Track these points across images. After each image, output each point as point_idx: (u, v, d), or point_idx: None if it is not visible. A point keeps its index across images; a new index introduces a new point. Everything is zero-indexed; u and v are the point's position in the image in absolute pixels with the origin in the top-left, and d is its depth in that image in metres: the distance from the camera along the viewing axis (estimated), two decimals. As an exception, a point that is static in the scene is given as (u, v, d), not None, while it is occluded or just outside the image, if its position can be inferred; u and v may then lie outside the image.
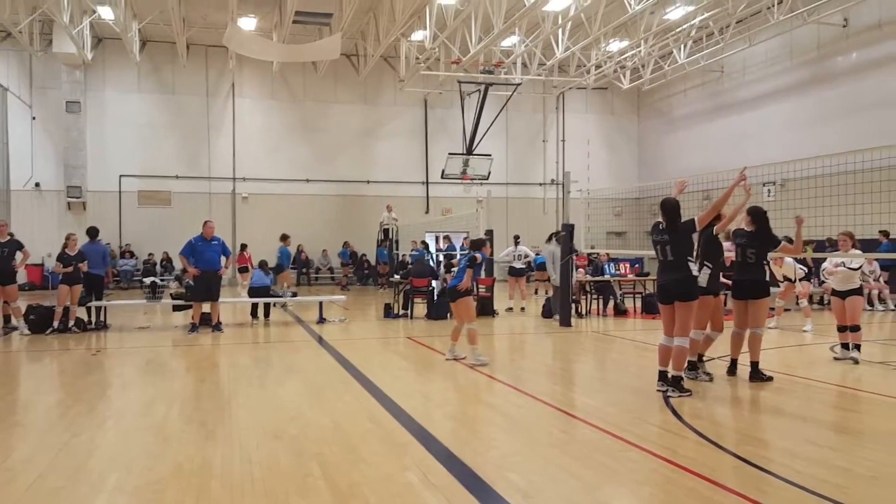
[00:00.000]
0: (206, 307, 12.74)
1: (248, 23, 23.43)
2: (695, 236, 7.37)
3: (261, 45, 22.60)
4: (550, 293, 15.72)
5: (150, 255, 25.70)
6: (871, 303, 16.27)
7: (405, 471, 4.72)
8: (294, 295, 15.54)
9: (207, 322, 12.73)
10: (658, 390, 7.15)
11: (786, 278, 13.02)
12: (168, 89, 26.84)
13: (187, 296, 13.24)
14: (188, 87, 26.97)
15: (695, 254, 7.52)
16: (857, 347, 9.01)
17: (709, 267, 7.59)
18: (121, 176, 26.14)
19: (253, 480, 4.56)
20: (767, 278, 8.02)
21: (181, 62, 26.11)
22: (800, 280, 13.18)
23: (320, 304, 14.55)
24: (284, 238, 17.43)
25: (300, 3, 20.16)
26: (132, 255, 25.79)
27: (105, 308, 13.31)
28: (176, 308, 13.71)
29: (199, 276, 12.42)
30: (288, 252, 18.33)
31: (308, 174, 27.83)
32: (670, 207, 7.40)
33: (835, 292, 9.33)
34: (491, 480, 4.50)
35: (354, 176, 28.29)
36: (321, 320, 13.95)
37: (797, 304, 13.68)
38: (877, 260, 16.34)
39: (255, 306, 14.49)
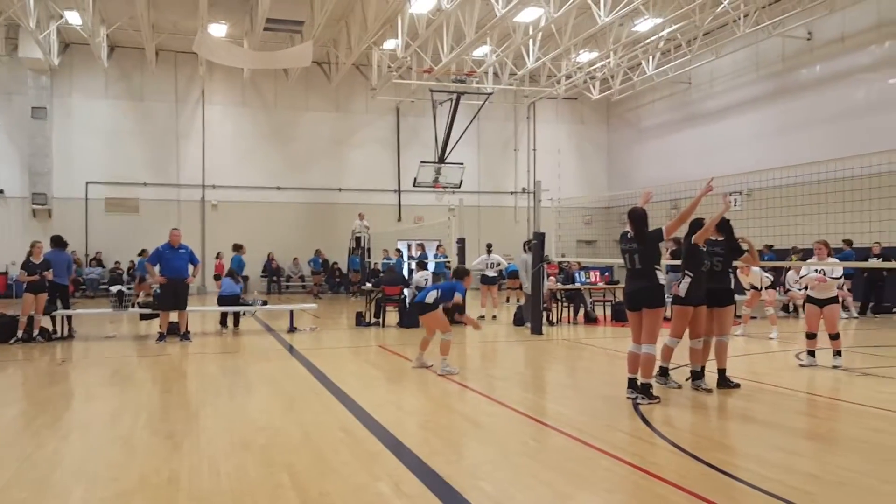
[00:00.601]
0: (173, 316, 12.57)
1: (218, 29, 23.27)
2: (662, 245, 7.47)
3: (231, 52, 22.44)
4: (522, 301, 15.77)
5: (116, 263, 25.31)
6: (835, 310, 16.54)
7: (376, 480, 4.69)
8: (264, 303, 15.41)
9: (175, 331, 12.56)
10: (628, 398, 7.20)
11: (752, 286, 13.21)
12: (136, 95, 26.52)
13: (154, 305, 13.07)
14: (157, 93, 26.67)
15: (678, 261, 7.75)
16: (839, 354, 9.18)
17: (689, 276, 7.63)
18: (87, 183, 25.75)
19: (221, 492, 4.50)
20: (732, 286, 8.13)
21: (150, 68, 25.83)
22: (766, 288, 13.38)
23: (291, 312, 14.44)
24: (238, 248, 17.22)
25: (271, 11, 20.08)
26: (99, 263, 25.38)
27: (70, 317, 13.08)
28: (143, 317, 13.51)
29: (167, 284, 12.27)
30: (240, 261, 18.02)
31: (279, 182, 27.65)
32: (638, 217, 7.48)
33: (811, 300, 9.44)
34: (463, 489, 4.49)
35: (326, 184, 28.18)
36: (292, 329, 13.84)
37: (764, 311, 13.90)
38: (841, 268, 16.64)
39: (224, 315, 14.33)
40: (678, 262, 8.46)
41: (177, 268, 12.38)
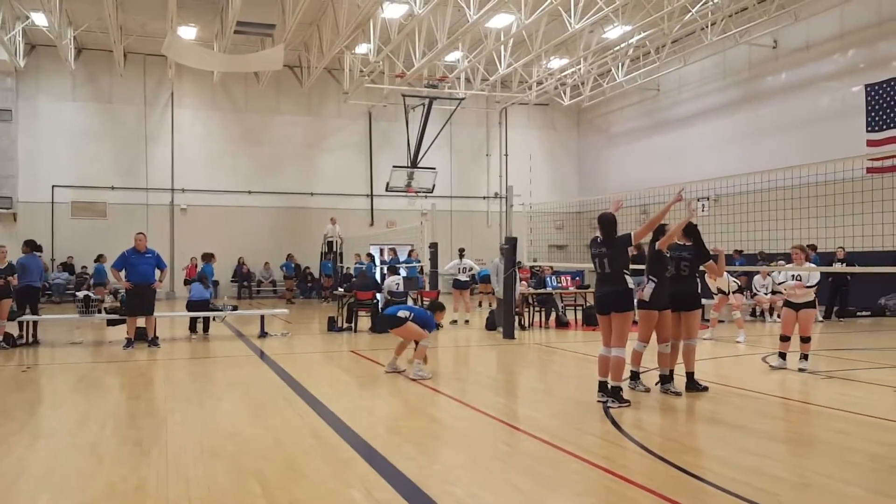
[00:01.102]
0: (140, 321, 12.40)
1: (188, 32, 23.05)
2: (630, 249, 7.53)
3: (201, 55, 22.25)
4: (494, 306, 15.83)
5: (83, 268, 24.89)
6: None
7: (348, 487, 4.68)
8: (234, 308, 15.26)
9: (143, 337, 12.40)
10: (598, 401, 7.28)
11: (720, 290, 13.40)
12: (104, 98, 26.16)
13: (122, 310, 12.89)
14: (125, 96, 26.34)
15: (645, 267, 7.86)
16: (805, 357, 9.35)
17: (654, 281, 7.77)
18: (53, 186, 25.32)
19: (190, 500, 4.45)
20: (699, 290, 8.23)
21: (118, 70, 25.50)
22: (733, 292, 13.59)
23: (262, 317, 14.33)
24: (209, 257, 17.02)
25: (242, 13, 19.94)
26: (66, 268, 24.95)
27: (36, 323, 12.84)
28: (110, 323, 13.31)
29: (133, 289, 12.07)
30: (210, 270, 17.78)
31: (250, 186, 27.44)
32: (607, 221, 7.64)
33: (789, 304, 9.57)
34: (434, 494, 4.49)
35: (298, 188, 28.02)
36: (263, 334, 13.73)
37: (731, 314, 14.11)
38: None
39: (193, 320, 14.17)
40: (642, 267, 8.62)
41: (143, 273, 12.14)
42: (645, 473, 4.93)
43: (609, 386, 7.23)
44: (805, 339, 9.37)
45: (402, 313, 9.13)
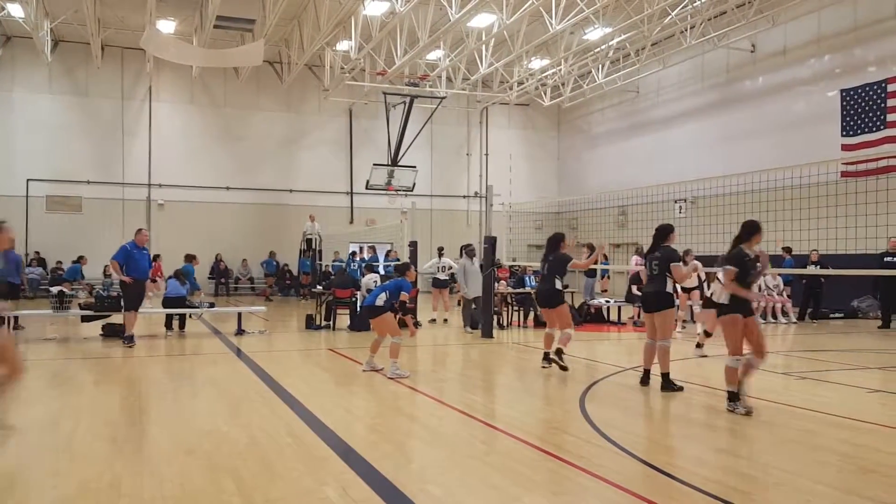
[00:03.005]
0: (117, 318, 12.26)
1: (166, 26, 22.82)
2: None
3: (180, 49, 22.02)
4: (462, 305, 15.87)
5: (58, 263, 24.56)
6: (774, 315, 17.09)
7: (324, 486, 4.67)
8: (211, 305, 15.15)
9: (116, 333, 12.26)
10: (542, 367, 9.32)
11: (683, 289, 13.62)
12: (81, 91, 25.83)
13: (97, 306, 12.74)
14: (102, 89, 26.02)
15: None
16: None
17: (560, 280, 9.63)
18: (28, 180, 24.96)
19: (164, 498, 4.42)
20: (670, 290, 8.26)
21: (95, 64, 25.18)
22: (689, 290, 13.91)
23: (239, 315, 14.24)
24: (191, 258, 16.85)
25: (222, 8, 19.78)
26: (40, 263, 24.61)
27: (17, 318, 12.69)
28: (84, 319, 13.16)
29: (133, 284, 11.77)
30: (191, 271, 17.56)
31: (228, 182, 27.24)
32: (556, 241, 9.86)
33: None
34: (411, 493, 4.50)
35: (277, 185, 27.87)
36: (240, 332, 13.64)
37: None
38: (780, 275, 17.19)
39: (169, 317, 14.05)
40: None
41: (144, 269, 11.99)
42: (620, 472, 4.97)
43: (551, 355, 9.29)
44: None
45: (379, 299, 9.12)
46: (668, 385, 7.96)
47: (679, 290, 14.61)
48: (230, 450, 5.51)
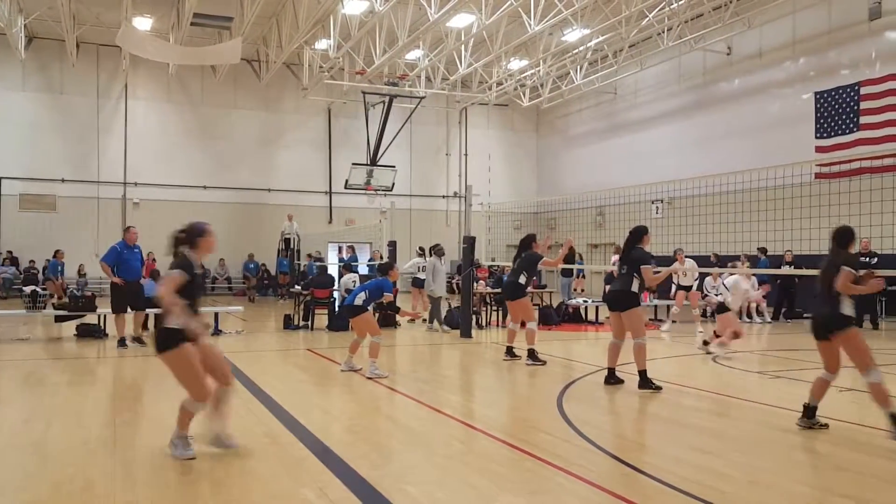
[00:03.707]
0: (91, 318, 12.10)
1: (143, 23, 22.57)
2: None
3: (157, 47, 21.80)
4: (454, 305, 15.88)
5: (31, 262, 24.19)
6: (749, 315, 17.28)
7: (301, 487, 4.63)
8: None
9: (90, 333, 12.11)
10: (504, 359, 10.04)
11: (680, 286, 13.73)
12: (55, 89, 25.48)
13: (70, 306, 12.57)
14: (77, 86, 25.68)
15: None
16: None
17: (525, 276, 10.16)
18: (1, 178, 24.59)
19: (138, 500, 4.37)
20: (635, 289, 8.19)
21: (70, 61, 24.84)
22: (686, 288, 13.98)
23: (216, 314, 14.11)
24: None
25: (199, 5, 19.61)
26: (12, 262, 24.23)
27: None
28: (58, 319, 12.98)
29: (124, 286, 11.51)
30: None
31: (205, 181, 27.01)
32: (528, 241, 10.42)
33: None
34: (388, 493, 4.49)
35: (255, 184, 27.67)
36: (217, 332, 13.52)
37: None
38: (755, 275, 17.37)
39: (145, 318, 13.86)
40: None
41: (135, 269, 11.68)
42: (598, 471, 5.00)
43: (514, 350, 10.07)
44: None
45: (359, 299, 9.09)
46: (646, 383, 7.94)
47: (674, 288, 14.86)
48: (206, 451, 5.45)
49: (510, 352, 10.44)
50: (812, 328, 6.19)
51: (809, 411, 6.23)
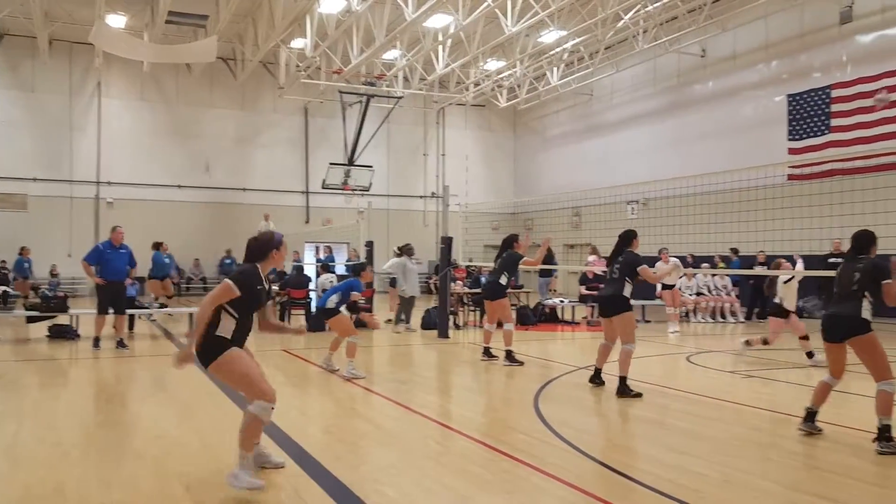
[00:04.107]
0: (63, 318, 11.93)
1: (117, 20, 22.28)
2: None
3: (130, 44, 21.56)
4: (433, 305, 15.88)
5: (2, 262, 23.78)
6: (723, 315, 17.49)
7: (276, 489, 4.61)
8: (162, 306, 14.86)
9: (63, 334, 11.94)
10: (481, 360, 10.15)
11: (665, 286, 13.92)
12: (27, 86, 25.08)
13: (42, 307, 12.39)
14: (49, 84, 25.29)
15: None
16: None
17: (506, 276, 10.25)
18: (-31, 177, 24.17)
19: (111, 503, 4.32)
20: (627, 294, 8.08)
21: (42, 58, 24.46)
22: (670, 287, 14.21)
23: (190, 315, 13.98)
24: (158, 245, 16.50)
25: (174, 3, 19.41)
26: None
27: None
28: (30, 320, 12.78)
29: (106, 286, 11.28)
30: (160, 258, 17.21)
31: (180, 180, 26.74)
32: (510, 240, 10.51)
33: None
34: (364, 495, 4.48)
35: (230, 183, 27.45)
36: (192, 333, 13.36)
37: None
38: (728, 275, 17.60)
39: (130, 319, 13.71)
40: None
41: (118, 269, 11.33)
42: (573, 472, 5.02)
43: (492, 350, 10.11)
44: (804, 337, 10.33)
45: (331, 301, 9.06)
46: (624, 390, 7.75)
47: (660, 288, 15.02)
48: (180, 454, 5.40)
49: (487, 352, 10.48)
50: (826, 329, 6.02)
51: (810, 416, 6.10)
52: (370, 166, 25.33)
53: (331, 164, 24.88)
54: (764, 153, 18.25)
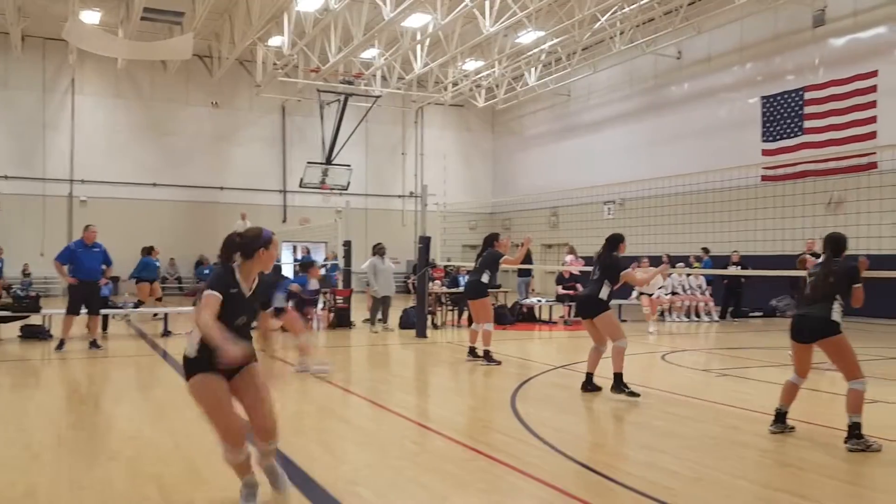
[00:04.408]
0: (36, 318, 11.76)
1: (91, 16, 22.00)
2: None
3: (105, 41, 21.30)
4: (411, 305, 15.87)
5: (-29, 262, 23.41)
6: (697, 314, 17.66)
7: (251, 489, 4.58)
8: (136, 305, 14.71)
9: (35, 335, 11.76)
10: (467, 360, 9.97)
11: (642, 293, 13.98)
12: (-1, 82, 24.73)
13: (14, 307, 12.20)
14: (22, 81, 24.92)
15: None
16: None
17: (488, 275, 10.21)
18: (-61, 174, 23.76)
19: (84, 506, 4.27)
20: (604, 296, 7.95)
21: (15, 54, 24.12)
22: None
23: (165, 315, 13.85)
24: (149, 250, 16.49)
25: (149, 0, 19.21)
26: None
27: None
28: (2, 320, 12.57)
29: (78, 286, 11.12)
30: (149, 264, 17.13)
31: (155, 178, 26.47)
32: (490, 238, 10.45)
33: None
34: (340, 496, 4.47)
35: (206, 182, 27.22)
36: (166, 333, 13.27)
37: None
38: (702, 275, 17.78)
39: (104, 320, 13.53)
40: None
41: (90, 269, 11.16)
42: (549, 470, 5.04)
43: (479, 351, 9.95)
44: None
45: (278, 301, 8.97)
46: (619, 386, 7.69)
47: (636, 293, 15.07)
48: (154, 455, 5.35)
49: (473, 352, 10.33)
50: (796, 330, 6.07)
51: (780, 417, 6.16)
52: (348, 165, 25.27)
53: (308, 162, 24.78)
54: (738, 154, 18.47)
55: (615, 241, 8.30)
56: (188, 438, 5.87)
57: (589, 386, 8.01)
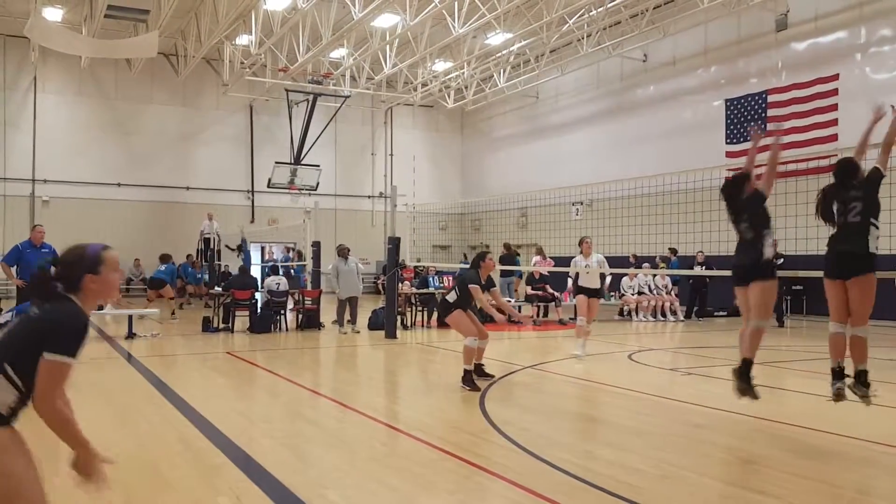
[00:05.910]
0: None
1: (53, 13, 21.57)
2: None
3: (68, 39, 20.88)
4: (380, 305, 15.82)
5: (-72, 263, 22.82)
6: (663, 314, 17.89)
7: (217, 495, 4.53)
8: (100, 308, 14.44)
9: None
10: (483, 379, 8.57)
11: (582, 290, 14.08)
12: (-45, 79, 24.14)
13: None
14: (-20, 78, 24.39)
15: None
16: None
17: (456, 294, 9.16)
18: None
19: (45, 513, 4.18)
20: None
21: (-28, 50, 23.57)
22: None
23: (129, 317, 13.64)
24: (167, 258, 16.50)
25: (114, -3, 18.92)
26: None
27: None
28: (-42, 323, 12.29)
29: (25, 287, 11.00)
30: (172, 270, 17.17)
31: (119, 178, 26.05)
32: (476, 260, 9.20)
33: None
34: (308, 499, 4.44)
35: (172, 182, 26.85)
36: (130, 335, 13.07)
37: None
38: (668, 275, 18.01)
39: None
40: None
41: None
42: (516, 469, 5.07)
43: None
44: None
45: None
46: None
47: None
48: (117, 459, 5.26)
49: (480, 371, 8.78)
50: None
51: (838, 374, 5.90)
52: (317, 165, 25.12)
53: (276, 162, 24.59)
54: (703, 156, 18.69)
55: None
56: (153, 441, 5.80)
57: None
